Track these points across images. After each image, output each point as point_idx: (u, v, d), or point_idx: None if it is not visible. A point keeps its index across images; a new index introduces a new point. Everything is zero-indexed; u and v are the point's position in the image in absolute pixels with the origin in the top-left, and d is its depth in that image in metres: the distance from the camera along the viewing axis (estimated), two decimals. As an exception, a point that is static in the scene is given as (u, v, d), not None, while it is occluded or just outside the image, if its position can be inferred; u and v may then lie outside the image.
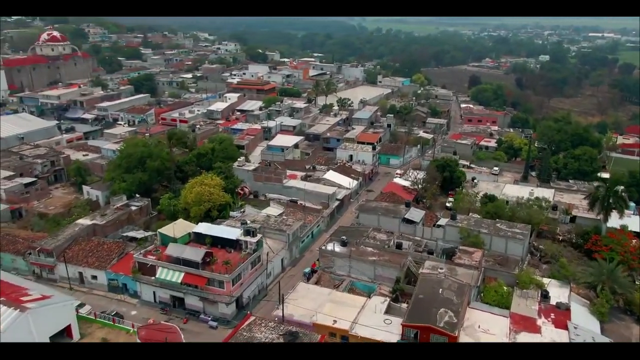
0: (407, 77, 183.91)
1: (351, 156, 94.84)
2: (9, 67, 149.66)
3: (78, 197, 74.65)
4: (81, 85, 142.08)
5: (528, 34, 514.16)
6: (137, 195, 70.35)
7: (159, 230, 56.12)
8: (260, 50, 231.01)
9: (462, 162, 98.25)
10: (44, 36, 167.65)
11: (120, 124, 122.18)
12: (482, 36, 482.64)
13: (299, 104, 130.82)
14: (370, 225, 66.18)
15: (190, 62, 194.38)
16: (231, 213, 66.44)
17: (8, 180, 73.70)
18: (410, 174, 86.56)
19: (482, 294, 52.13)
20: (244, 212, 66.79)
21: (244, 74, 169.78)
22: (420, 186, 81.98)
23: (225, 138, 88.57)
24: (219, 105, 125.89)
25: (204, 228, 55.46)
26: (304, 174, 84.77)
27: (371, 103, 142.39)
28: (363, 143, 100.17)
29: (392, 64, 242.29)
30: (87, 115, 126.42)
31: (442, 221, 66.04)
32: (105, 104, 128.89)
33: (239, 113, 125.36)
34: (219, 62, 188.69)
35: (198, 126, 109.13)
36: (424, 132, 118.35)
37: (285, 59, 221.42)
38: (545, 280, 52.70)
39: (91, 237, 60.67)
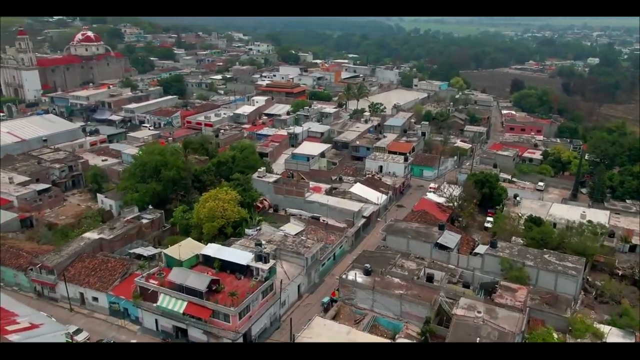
0: (444, 81, 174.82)
1: (381, 167, 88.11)
2: (43, 67, 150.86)
3: (90, 207, 71.46)
4: (110, 86, 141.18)
5: (575, 35, 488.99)
6: (150, 207, 66.27)
7: (164, 251, 51.53)
8: (293, 51, 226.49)
9: (502, 175, 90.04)
10: (79, 36, 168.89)
11: (146, 127, 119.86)
12: (525, 37, 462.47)
13: (329, 108, 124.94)
14: (399, 249, 59.62)
15: (221, 63, 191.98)
16: (246, 231, 61.29)
17: (22, 186, 71.27)
18: (445, 189, 79.09)
19: (526, 341, 44.73)
20: (260, 229, 61.49)
21: (274, 75, 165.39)
22: (456, 203, 74.52)
23: (247, 146, 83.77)
24: (245, 109, 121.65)
25: (213, 250, 50.42)
26: (328, 186, 78.83)
27: (405, 108, 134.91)
28: (394, 153, 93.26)
29: (429, 65, 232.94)
30: (114, 117, 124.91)
31: (481, 248, 58.66)
32: (132, 105, 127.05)
33: (265, 117, 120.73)
34: (250, 63, 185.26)
35: (222, 131, 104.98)
36: (461, 141, 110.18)
37: (318, 60, 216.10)
38: (605, 328, 44.68)
39: (98, 251, 56.93)
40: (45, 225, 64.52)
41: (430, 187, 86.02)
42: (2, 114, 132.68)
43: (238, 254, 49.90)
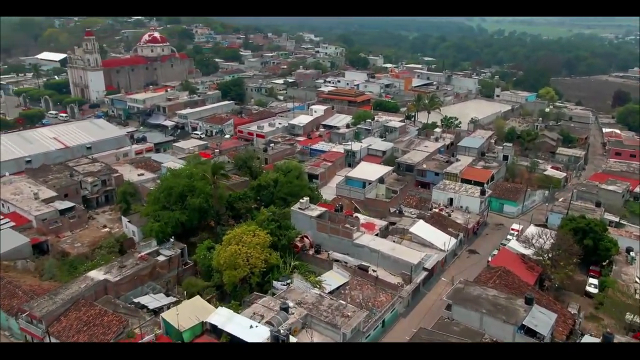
0: (531, 91, 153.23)
1: (451, 200, 73.09)
2: (108, 68, 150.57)
3: (111, 232, 63.78)
4: (168, 89, 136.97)
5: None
6: (172, 239, 56.96)
7: (163, 315, 41.37)
8: (362, 54, 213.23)
9: (608, 216, 71.77)
10: (145, 37, 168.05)
11: (197, 134, 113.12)
12: (627, 40, 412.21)
13: (395, 121, 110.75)
14: (468, 324, 45.29)
15: (285, 66, 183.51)
16: (275, 284, 49.90)
17: (45, 203, 65.22)
18: (532, 234, 62.51)
19: None
20: (290, 283, 49.75)
21: (339, 81, 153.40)
22: (547, 257, 58.05)
23: (293, 167, 72.52)
24: (302, 119, 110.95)
25: (221, 320, 39.59)
26: (384, 223, 65.42)
27: (484, 123, 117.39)
28: (469, 182, 77.78)
29: (513, 71, 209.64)
30: (167, 122, 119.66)
31: (587, 338, 42.66)
32: (186, 110, 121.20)
33: (323, 129, 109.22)
34: (315, 67, 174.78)
35: (272, 145, 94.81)
36: (552, 167, 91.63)
37: (389, 65, 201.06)
38: None
39: (102, 295, 48.43)
40: (57, 253, 57.49)
41: (513, 229, 69.81)
42: (64, 115, 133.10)
43: (251, 329, 38.43)
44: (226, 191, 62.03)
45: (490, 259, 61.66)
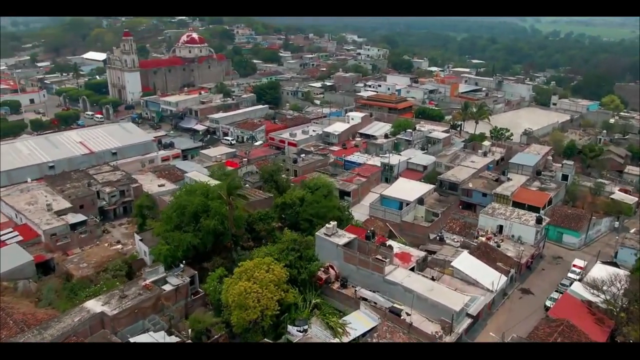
0: (593, 100, 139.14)
1: (501, 227, 63.85)
2: (145, 69, 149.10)
3: (120, 251, 58.94)
4: (202, 92, 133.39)
5: None
6: (182, 264, 51.31)
7: (151, 370, 35.28)
8: (406, 57, 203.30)
9: (691, 254, 60.19)
10: (184, 38, 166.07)
11: (227, 140, 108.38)
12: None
13: (438, 131, 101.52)
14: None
15: (325, 69, 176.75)
16: (290, 329, 43.00)
17: (57, 215, 61.35)
18: (601, 278, 52.47)
19: None
20: (306, 331, 42.67)
21: (379, 86, 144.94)
22: (618, 307, 48.15)
23: (321, 184, 65.37)
24: (337, 127, 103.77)
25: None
26: (422, 254, 57.21)
27: (539, 135, 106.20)
28: (522, 206, 68.17)
29: (571, 76, 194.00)
30: (198, 127, 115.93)
31: None
32: (218, 114, 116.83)
33: (359, 139, 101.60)
34: (355, 70, 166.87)
35: (302, 156, 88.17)
36: (621, 190, 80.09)
37: (434, 68, 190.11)
38: None
39: (98, 329, 43.16)
40: (62, 274, 53.14)
41: (575, 266, 59.80)
42: (100, 116, 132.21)
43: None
44: (245, 212, 55.69)
45: (547, 304, 52.34)
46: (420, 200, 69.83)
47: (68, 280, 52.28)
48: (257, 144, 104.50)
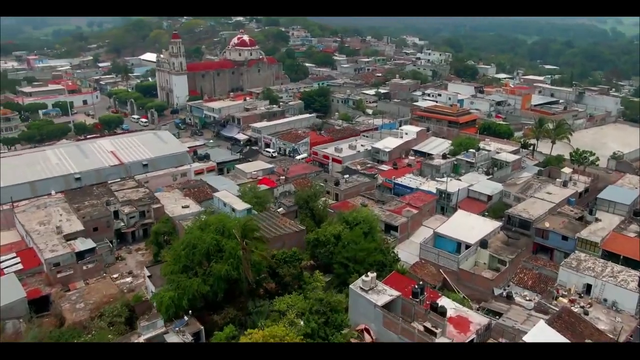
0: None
1: (589, 287, 50.25)
2: (193, 72, 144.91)
3: (128, 286, 51.58)
4: (247, 98, 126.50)
5: None
6: (187, 316, 42.87)
7: None
8: (471, 62, 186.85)
9: None
10: (234, 40, 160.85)
11: (269, 152, 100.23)
12: None
13: (507, 152, 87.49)
14: None
15: (380, 74, 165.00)
16: None
17: (64, 241, 55.12)
18: None
19: None
20: None
21: (439, 95, 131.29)
22: None
23: (363, 218, 54.79)
24: (388, 143, 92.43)
25: None
26: (485, 321, 45.12)
27: (630, 159, 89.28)
28: (616, 258, 54.01)
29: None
30: (240, 136, 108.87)
31: None
32: (261, 123, 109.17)
33: (413, 157, 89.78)
34: (413, 76, 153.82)
35: (346, 177, 77.79)
36: None
37: (502, 76, 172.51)
38: None
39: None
40: (55, 316, 46.35)
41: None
42: (144, 120, 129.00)
43: None
44: (265, 258, 46.30)
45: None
46: (484, 243, 57.41)
47: (61, 324, 45.37)
48: (299, 157, 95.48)
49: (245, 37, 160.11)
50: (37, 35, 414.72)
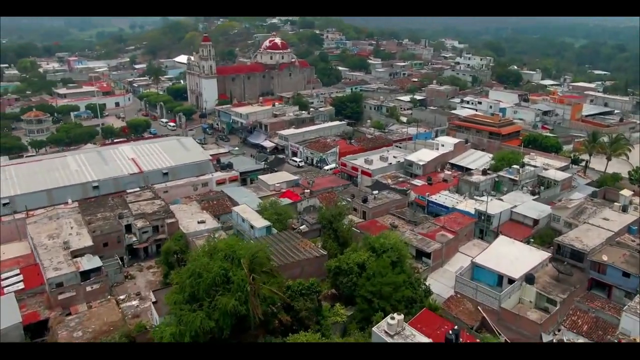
0: None
1: (657, 339, 42.44)
2: (223, 75, 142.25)
3: (133, 312, 47.50)
4: (275, 103, 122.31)
5: None
6: (189, 355, 38.12)
7: None
8: (514, 67, 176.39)
9: None
10: (266, 43, 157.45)
11: (295, 162, 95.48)
12: None
13: (556, 168, 79.25)
14: None
15: (416, 79, 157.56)
16: None
17: (70, 258, 51.80)
18: None
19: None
20: None
21: (480, 103, 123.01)
22: None
23: (391, 245, 48.77)
24: (422, 155, 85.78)
25: None
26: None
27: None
28: (691, 304, 45.72)
29: None
30: (267, 143, 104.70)
31: None
32: (288, 130, 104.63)
33: (449, 171, 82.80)
34: (451, 82, 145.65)
35: (375, 193, 71.84)
36: None
37: (548, 82, 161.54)
38: None
39: None
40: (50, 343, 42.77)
41: None
42: (173, 124, 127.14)
43: None
44: (277, 293, 41.15)
45: None
46: (530, 278, 50.27)
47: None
48: (327, 168, 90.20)
49: (277, 40, 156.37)
50: (82, 37, 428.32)
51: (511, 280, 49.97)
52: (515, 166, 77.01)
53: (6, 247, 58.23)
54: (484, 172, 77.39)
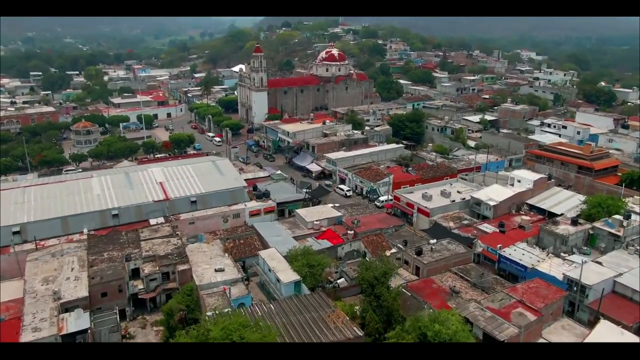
0: None
1: None
2: (275, 88, 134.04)
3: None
4: (326, 121, 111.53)
5: None
6: None
7: None
8: (603, 83, 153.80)
9: None
10: (322, 54, 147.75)
11: (342, 190, 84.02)
12: None
13: (671, 221, 61.58)
14: None
15: (488, 96, 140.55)
16: None
17: (55, 313, 43.49)
18: None
19: None
20: None
21: (564, 127, 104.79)
22: None
23: (451, 333, 35.99)
24: (492, 193, 70.97)
25: None
26: None
27: None
28: None
29: None
30: (313, 167, 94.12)
31: None
32: (337, 153, 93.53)
33: (527, 216, 67.45)
34: (529, 100, 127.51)
35: (432, 243, 58.48)
36: None
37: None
38: None
39: None
40: None
41: None
42: (219, 139, 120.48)
43: None
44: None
45: None
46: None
47: None
48: (380, 200, 77.85)
49: (334, 51, 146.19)
50: (154, 45, 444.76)
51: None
52: (617, 216, 60.52)
53: (5, 285, 51.46)
54: (574, 222, 61.49)
